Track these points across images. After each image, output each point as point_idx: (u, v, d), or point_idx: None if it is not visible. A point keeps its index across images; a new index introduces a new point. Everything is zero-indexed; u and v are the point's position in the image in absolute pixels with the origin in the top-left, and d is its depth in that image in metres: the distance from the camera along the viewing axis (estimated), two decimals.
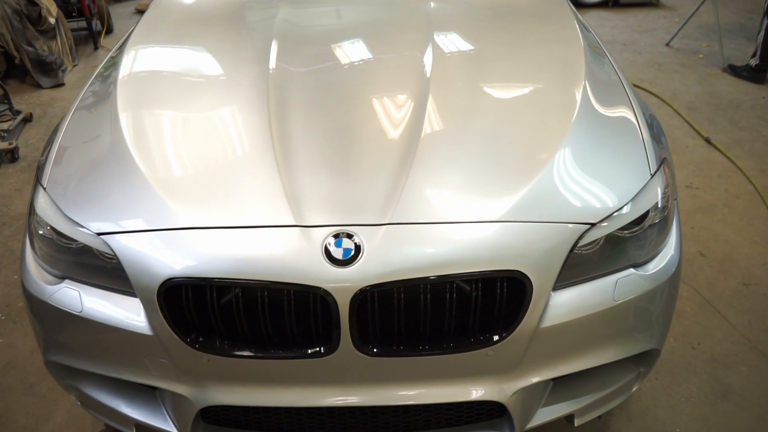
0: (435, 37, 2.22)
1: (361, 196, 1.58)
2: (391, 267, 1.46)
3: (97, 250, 1.59)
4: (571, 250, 1.55)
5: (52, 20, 5.44)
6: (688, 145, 4.24)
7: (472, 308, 1.52)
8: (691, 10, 6.17)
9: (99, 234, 1.58)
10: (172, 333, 1.53)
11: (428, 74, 1.99)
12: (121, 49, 2.40)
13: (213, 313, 1.52)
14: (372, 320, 1.52)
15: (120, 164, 1.74)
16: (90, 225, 1.61)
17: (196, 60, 2.20)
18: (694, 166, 3.98)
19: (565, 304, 1.58)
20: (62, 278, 1.69)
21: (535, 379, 1.66)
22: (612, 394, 1.84)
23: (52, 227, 1.68)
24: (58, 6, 5.72)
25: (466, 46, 2.22)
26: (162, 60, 2.24)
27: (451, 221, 1.53)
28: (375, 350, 1.53)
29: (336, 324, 1.48)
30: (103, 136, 1.89)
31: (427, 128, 1.78)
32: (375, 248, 1.48)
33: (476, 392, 1.64)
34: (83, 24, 6.37)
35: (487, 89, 1.98)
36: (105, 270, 1.60)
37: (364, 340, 1.52)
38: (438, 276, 1.47)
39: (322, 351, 1.53)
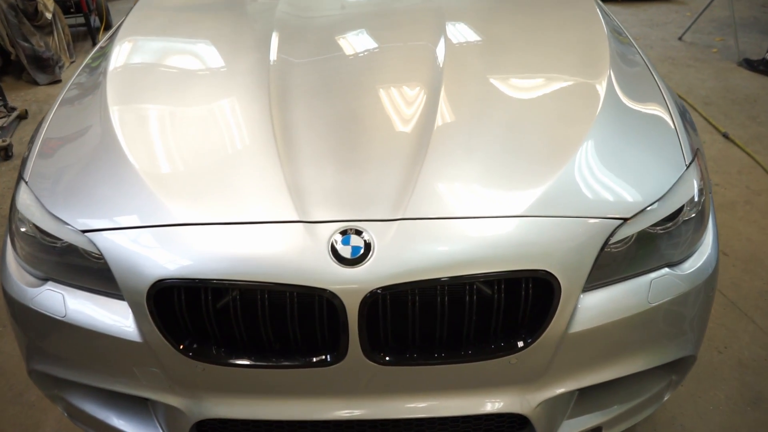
0: (447, 25, 2.06)
1: (370, 189, 1.43)
2: (405, 267, 1.32)
3: (83, 249, 1.46)
4: (602, 248, 1.41)
5: (48, 15, 5.31)
6: (705, 140, 4.09)
7: (493, 312, 1.38)
8: (702, 4, 6.02)
9: (84, 231, 1.45)
10: (163, 340, 1.40)
11: (441, 63, 1.85)
12: (111, 39, 2.26)
13: (208, 317, 1.38)
14: (383, 325, 1.38)
15: (108, 157, 1.60)
16: (74, 222, 1.47)
17: (191, 51, 2.05)
18: (713, 162, 3.83)
19: (595, 307, 1.44)
20: (45, 280, 1.55)
21: (562, 390, 1.52)
22: (642, 405, 1.70)
23: (34, 225, 1.54)
24: (56, 1, 5.59)
25: (480, 32, 2.07)
26: (154, 50, 2.10)
27: (471, 216, 1.39)
28: (387, 358, 1.39)
29: (344, 329, 1.34)
30: (90, 127, 1.75)
31: (441, 116, 1.64)
32: (387, 246, 1.34)
33: (497, 404, 1.50)
34: (81, 20, 6.24)
35: (504, 76, 1.83)
36: (91, 271, 1.47)
37: (374, 348, 1.38)
38: (456, 276, 1.33)
39: (329, 359, 1.39)
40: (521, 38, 2.07)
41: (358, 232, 1.36)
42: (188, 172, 1.53)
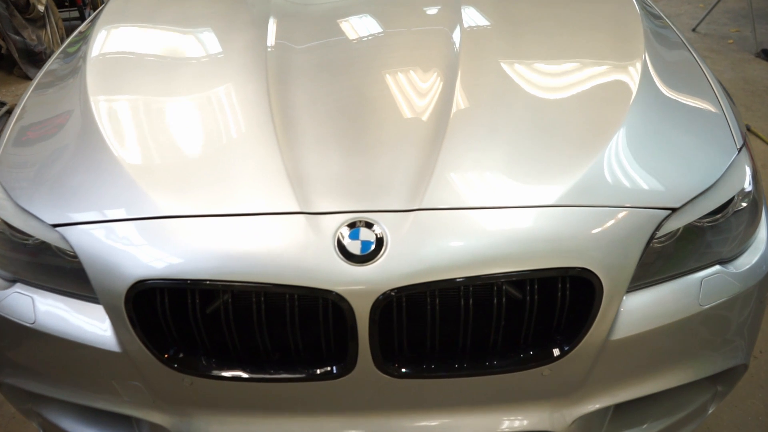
0: (463, 7, 1.85)
1: (382, 176, 1.26)
2: (423, 264, 1.14)
3: (56, 247, 1.28)
4: (648, 242, 1.23)
5: (41, 8, 5.14)
6: None
7: (525, 316, 1.20)
8: None
9: (54, 225, 1.26)
10: (144, 349, 1.22)
11: (457, 45, 1.64)
12: (92, 23, 2.06)
13: (196, 324, 1.21)
14: (398, 332, 1.21)
15: (85, 144, 1.43)
16: (44, 215, 1.29)
17: (179, 36, 1.84)
18: None
19: (639, 310, 1.26)
20: (12, 281, 1.37)
21: (600, 404, 1.34)
22: (684, 420, 1.51)
23: (2, 220, 1.36)
24: None
25: (499, 12, 1.86)
26: (138, 34, 1.89)
27: (498, 206, 1.21)
28: (402, 370, 1.21)
29: (352, 337, 1.18)
30: (67, 114, 1.57)
31: (460, 95, 1.45)
32: (401, 240, 1.16)
33: (526, 421, 1.32)
34: (76, 14, 6.08)
35: (529, 54, 1.64)
36: (65, 271, 1.29)
37: (387, 358, 1.21)
38: (483, 275, 1.15)
39: (335, 371, 1.22)
40: (545, 16, 1.87)
41: (369, 225, 1.18)
42: (174, 158, 1.35)
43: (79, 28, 2.18)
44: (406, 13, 1.86)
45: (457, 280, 1.15)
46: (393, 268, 1.15)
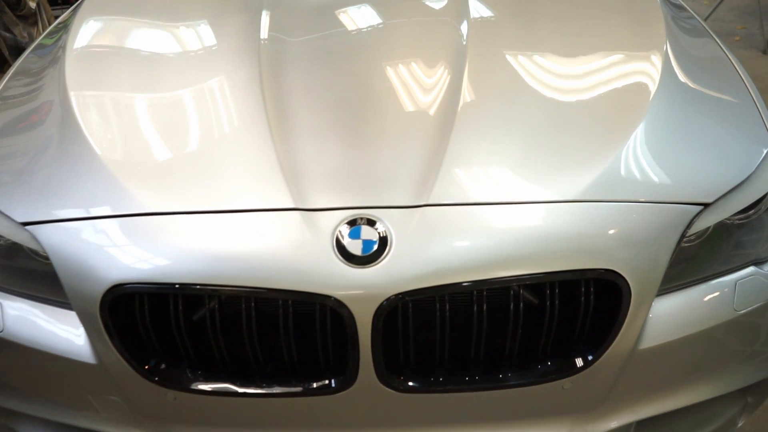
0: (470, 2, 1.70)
1: (385, 169, 1.14)
2: (432, 266, 1.03)
3: (29, 249, 1.16)
4: (679, 241, 1.11)
5: (32, 5, 5.01)
6: None
7: (545, 323, 1.08)
8: None
9: (24, 224, 1.15)
10: (122, 360, 1.10)
11: (465, 32, 1.50)
12: (74, 12, 1.92)
13: (180, 332, 1.09)
14: (404, 341, 1.10)
15: (60, 136, 1.31)
16: (13, 213, 1.17)
17: (163, 26, 1.68)
18: None
19: (670, 316, 1.15)
20: None
21: (624, 420, 1.22)
22: None
23: None
24: None
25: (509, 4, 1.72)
26: (121, 25, 1.73)
27: (514, 201, 1.11)
28: (408, 383, 1.10)
29: (353, 347, 1.06)
30: (42, 106, 1.45)
31: (470, 82, 1.33)
32: (407, 239, 1.05)
33: None
34: None
35: (544, 40, 1.51)
36: (37, 275, 1.17)
37: (392, 370, 1.09)
38: (499, 278, 1.04)
39: (333, 385, 1.11)
40: (557, 3, 1.74)
41: (371, 223, 1.06)
42: (156, 150, 1.24)
43: (60, 18, 2.05)
44: (409, 3, 1.72)
45: (470, 283, 1.04)
46: (398, 271, 1.03)
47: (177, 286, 1.05)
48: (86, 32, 1.63)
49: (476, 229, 1.07)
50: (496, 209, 1.09)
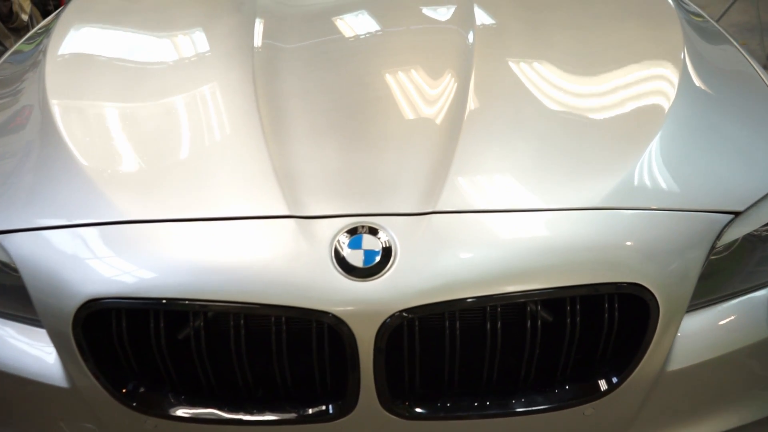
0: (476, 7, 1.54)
1: (388, 173, 1.05)
2: (441, 279, 0.94)
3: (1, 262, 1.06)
4: (709, 253, 1.02)
5: (25, 17, 4.94)
6: None
7: (565, 342, 0.98)
8: (719, 10, 5.70)
9: None
10: (97, 383, 1.00)
11: (471, 33, 1.39)
12: (56, 17, 1.81)
13: (161, 353, 0.98)
14: (409, 363, 0.99)
15: (38, 141, 1.21)
16: None
17: (150, 31, 1.57)
18: None
19: (700, 335, 1.06)
20: None
21: None
22: None
23: None
24: (33, 3, 5.23)
25: (518, 9, 1.61)
26: (105, 29, 1.59)
27: (530, 209, 1.02)
28: (414, 410, 1.00)
29: (353, 369, 0.96)
30: (20, 109, 1.35)
31: (477, 85, 1.24)
32: (413, 250, 0.96)
33: None
34: None
35: (555, 45, 1.41)
36: (5, 289, 1.07)
37: (396, 394, 0.99)
38: (516, 293, 0.94)
39: (331, 411, 1.00)
40: (568, 6, 1.64)
41: (373, 231, 0.97)
42: (138, 152, 1.14)
43: (42, 22, 1.95)
44: (409, 10, 1.62)
45: (482, 298, 0.94)
46: (403, 285, 0.94)
47: (159, 301, 0.95)
48: (69, 36, 1.52)
49: (489, 239, 0.98)
50: (511, 217, 1.00)
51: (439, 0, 1.59)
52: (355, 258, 0.95)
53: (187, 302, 0.95)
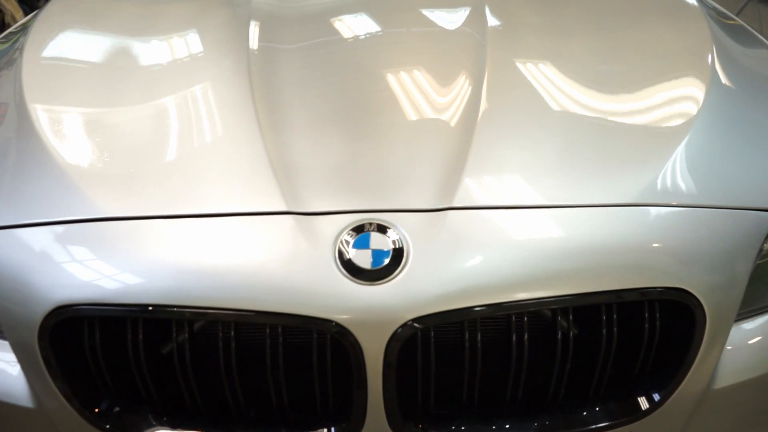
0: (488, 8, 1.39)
1: (399, 165, 0.95)
2: (460, 283, 0.83)
3: None
4: (758, 255, 0.91)
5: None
6: None
7: (601, 355, 0.86)
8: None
9: None
10: (66, 403, 0.88)
11: (484, 30, 1.28)
12: (35, 16, 1.69)
13: (139, 367, 0.86)
14: (423, 379, 0.88)
15: (10, 136, 1.09)
16: None
17: (134, 32, 1.39)
18: None
19: (751, 347, 0.96)
20: None
21: None
22: None
23: None
24: (25, 13, 5.15)
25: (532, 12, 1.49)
26: (86, 27, 1.44)
27: (559, 205, 0.90)
28: None
29: (359, 386, 0.85)
30: None
31: (493, 73, 1.13)
32: (429, 250, 0.85)
33: None
34: None
35: (577, 36, 1.31)
36: None
37: (407, 416, 0.88)
38: (545, 299, 0.83)
39: None
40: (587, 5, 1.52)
41: (382, 229, 0.85)
42: (122, 148, 1.03)
43: (20, 21, 1.82)
44: (417, 12, 1.49)
45: (508, 305, 0.83)
46: (417, 289, 0.82)
47: (137, 307, 0.84)
48: (48, 35, 1.37)
49: (513, 239, 0.87)
50: (538, 215, 0.89)
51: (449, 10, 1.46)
52: (362, 259, 0.83)
53: (169, 309, 0.83)
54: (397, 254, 0.84)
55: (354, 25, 1.38)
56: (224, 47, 1.22)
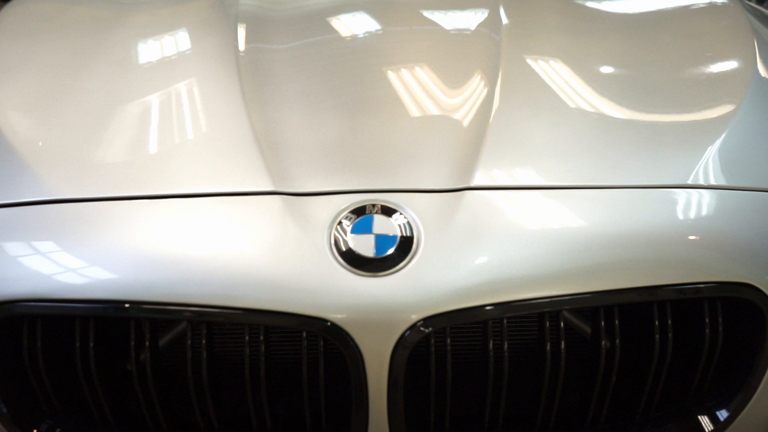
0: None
1: (406, 141, 0.81)
2: (481, 276, 0.68)
3: None
4: None
5: None
6: None
7: (653, 366, 0.71)
8: None
9: None
10: None
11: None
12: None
13: (90, 381, 0.70)
14: (437, 393, 0.72)
15: None
16: None
17: (106, 17, 1.21)
18: None
19: None
20: None
21: None
22: None
23: None
24: None
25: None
26: (53, 10, 1.32)
27: (599, 186, 0.76)
28: None
29: (359, 406, 0.70)
30: None
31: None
32: (444, 236, 0.70)
33: None
34: None
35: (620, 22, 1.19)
36: None
37: None
38: (585, 296, 0.68)
39: None
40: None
41: (388, 212, 0.71)
42: (83, 124, 0.88)
43: None
44: (422, 14, 1.37)
45: (541, 302, 0.68)
46: (430, 283, 0.68)
47: (88, 304, 0.68)
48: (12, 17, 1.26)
49: (544, 224, 0.73)
50: (574, 196, 0.75)
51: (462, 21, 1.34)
52: (363, 245, 0.69)
53: (128, 306, 0.68)
54: (405, 242, 0.69)
55: (355, 21, 1.25)
56: (207, 23, 1.09)
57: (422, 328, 0.67)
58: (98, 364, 0.70)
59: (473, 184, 0.74)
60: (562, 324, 0.70)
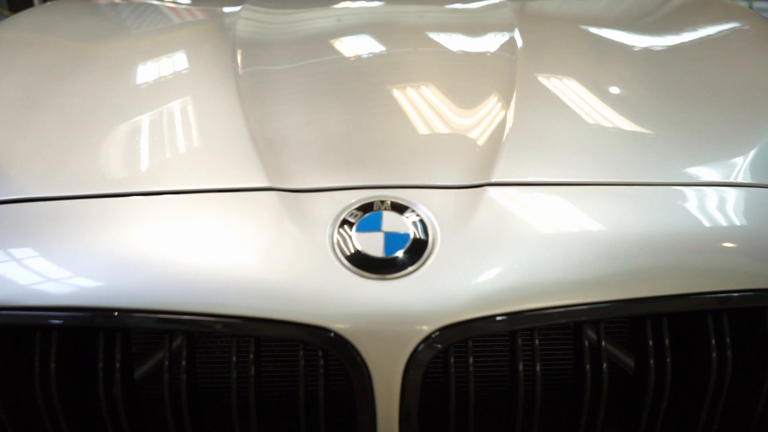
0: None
1: (419, 136, 0.73)
2: (505, 281, 0.59)
3: None
4: None
5: None
6: None
7: (711, 384, 0.61)
8: None
9: None
10: None
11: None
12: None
13: (48, 400, 0.61)
14: (457, 414, 0.62)
15: None
16: None
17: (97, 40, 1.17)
18: None
19: None
20: None
21: None
22: None
23: None
24: None
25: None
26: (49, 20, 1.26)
27: (632, 182, 0.67)
28: None
29: (365, 425, 0.60)
30: None
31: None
32: (462, 237, 0.61)
33: None
34: None
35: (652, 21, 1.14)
36: None
37: None
38: (625, 302, 0.60)
39: None
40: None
41: (399, 208, 0.62)
42: (65, 120, 0.81)
43: None
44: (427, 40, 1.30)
45: (577, 310, 0.58)
46: (447, 288, 0.58)
47: (51, 312, 0.59)
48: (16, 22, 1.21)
49: (576, 223, 0.63)
50: (606, 193, 0.66)
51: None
52: (370, 244, 0.60)
53: (95, 315, 0.58)
54: (418, 242, 0.60)
55: (364, 49, 1.19)
56: (203, 32, 1.04)
57: (436, 344, 0.57)
58: (60, 385, 0.60)
59: (493, 179, 0.65)
60: (604, 344, 0.60)
